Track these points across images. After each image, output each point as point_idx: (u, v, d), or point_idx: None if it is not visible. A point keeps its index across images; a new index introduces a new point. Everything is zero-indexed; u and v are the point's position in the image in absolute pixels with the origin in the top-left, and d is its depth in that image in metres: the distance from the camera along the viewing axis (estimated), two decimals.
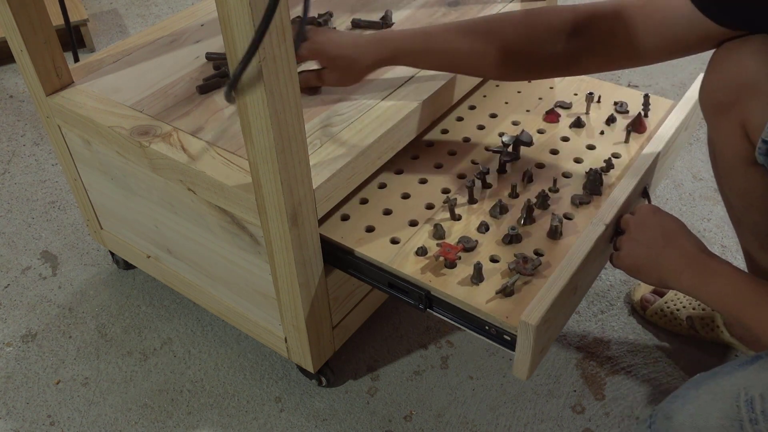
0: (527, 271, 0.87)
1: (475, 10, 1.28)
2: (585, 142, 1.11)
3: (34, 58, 1.05)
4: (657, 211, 0.89)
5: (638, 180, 0.96)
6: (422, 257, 0.92)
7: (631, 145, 1.10)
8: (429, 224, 0.97)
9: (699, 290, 0.82)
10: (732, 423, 0.69)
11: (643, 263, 0.87)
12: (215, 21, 1.29)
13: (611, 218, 0.90)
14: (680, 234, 0.86)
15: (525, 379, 0.85)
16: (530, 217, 0.96)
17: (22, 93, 1.95)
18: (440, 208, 1.00)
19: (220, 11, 0.71)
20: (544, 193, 0.98)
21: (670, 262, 0.85)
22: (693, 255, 0.84)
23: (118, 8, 2.35)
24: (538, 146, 1.10)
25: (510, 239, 0.93)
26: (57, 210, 1.55)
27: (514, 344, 0.83)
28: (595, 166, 1.03)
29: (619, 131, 1.12)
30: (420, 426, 1.11)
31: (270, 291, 1.01)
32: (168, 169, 0.99)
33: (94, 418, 1.14)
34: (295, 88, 0.78)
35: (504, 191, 1.02)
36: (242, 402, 1.15)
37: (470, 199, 1.00)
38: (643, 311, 1.22)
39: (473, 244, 0.93)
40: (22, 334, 1.29)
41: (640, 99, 1.18)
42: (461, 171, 1.07)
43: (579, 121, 1.14)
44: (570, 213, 0.98)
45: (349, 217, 0.99)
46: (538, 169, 1.06)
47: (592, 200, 0.99)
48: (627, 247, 0.89)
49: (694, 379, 0.77)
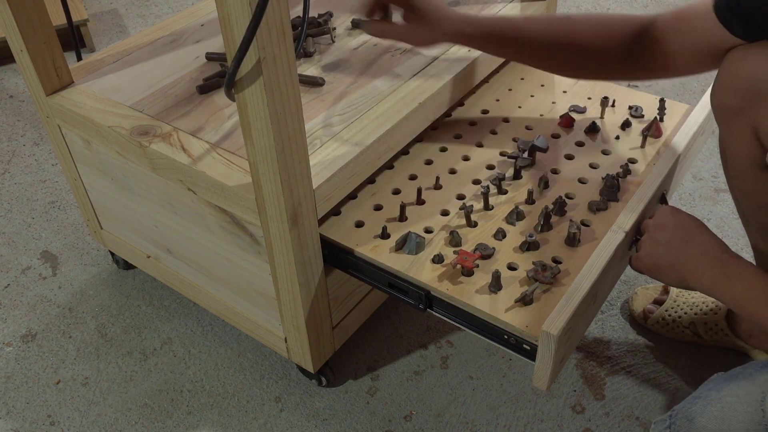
0: (546, 279, 0.86)
1: (474, 10, 1.28)
2: (600, 147, 1.10)
3: (34, 58, 1.05)
4: (677, 212, 0.88)
5: (657, 186, 0.95)
6: (439, 265, 0.90)
7: (648, 150, 1.08)
8: (445, 231, 0.96)
9: (719, 290, 0.81)
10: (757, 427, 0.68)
11: (664, 263, 0.86)
12: (215, 21, 1.29)
13: (630, 225, 0.89)
14: (701, 233, 0.85)
15: (545, 389, 0.83)
16: (548, 224, 0.95)
17: (22, 93, 1.95)
18: (456, 214, 0.99)
19: (220, 11, 0.71)
20: (561, 200, 0.97)
21: (690, 261, 0.83)
22: (714, 254, 0.83)
23: (118, 8, 2.35)
24: (553, 151, 1.09)
25: (528, 246, 0.92)
26: (57, 210, 1.55)
27: (533, 354, 0.81)
28: (612, 172, 1.02)
29: (635, 136, 1.11)
30: (420, 426, 1.11)
31: (270, 291, 1.01)
32: (168, 169, 0.99)
33: (94, 418, 1.14)
34: (295, 88, 0.78)
35: (520, 197, 1.01)
36: (242, 402, 1.15)
37: (486, 206, 0.99)
38: (645, 321, 1.21)
39: (490, 252, 0.91)
40: (22, 334, 1.29)
41: (655, 103, 1.16)
42: (476, 176, 1.05)
43: (594, 126, 1.12)
44: (587, 219, 0.96)
45: (364, 224, 0.98)
46: (553, 174, 1.05)
47: (609, 206, 0.98)
48: (647, 248, 0.88)
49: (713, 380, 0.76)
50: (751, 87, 0.82)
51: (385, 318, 1.27)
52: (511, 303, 0.85)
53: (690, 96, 1.79)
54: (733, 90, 0.84)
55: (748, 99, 0.83)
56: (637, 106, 1.16)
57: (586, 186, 1.02)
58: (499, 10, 1.27)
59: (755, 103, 0.82)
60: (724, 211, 1.44)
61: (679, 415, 0.75)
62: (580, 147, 1.10)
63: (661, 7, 2.14)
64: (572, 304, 0.79)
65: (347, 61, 1.15)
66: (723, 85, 0.86)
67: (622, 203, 0.98)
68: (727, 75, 0.85)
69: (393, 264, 0.91)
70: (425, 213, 0.99)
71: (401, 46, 1.18)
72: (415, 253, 0.92)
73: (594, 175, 1.04)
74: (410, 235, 0.92)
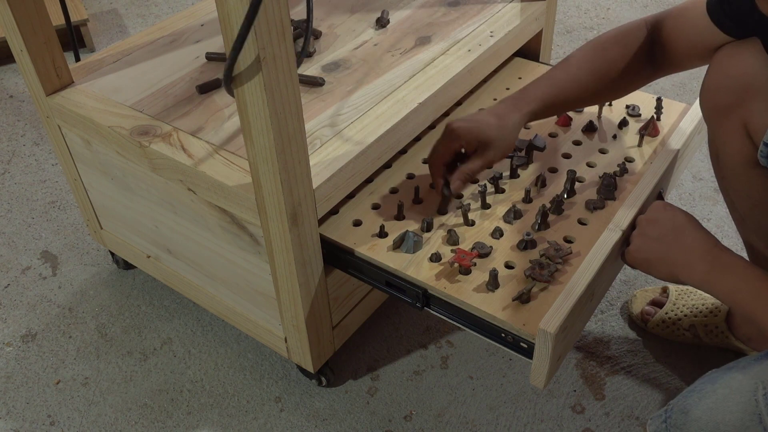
0: (543, 277, 0.86)
1: (475, 9, 1.28)
2: (597, 146, 1.10)
3: (34, 58, 1.05)
4: (668, 207, 0.89)
5: (654, 185, 0.95)
6: (436, 263, 0.91)
7: (645, 149, 1.08)
8: (442, 229, 0.96)
9: (711, 284, 0.81)
10: (750, 417, 0.68)
11: (654, 257, 0.86)
12: (215, 21, 1.29)
13: (627, 224, 0.89)
14: (692, 228, 0.85)
15: (542, 387, 0.83)
16: (545, 223, 0.95)
17: (22, 93, 1.95)
18: (453, 213, 0.99)
19: (220, 11, 0.71)
20: (558, 198, 0.97)
21: (681, 255, 0.84)
22: (705, 249, 0.83)
23: (118, 8, 2.35)
24: (550, 150, 1.09)
25: (525, 245, 0.92)
26: (57, 210, 1.55)
27: (531, 352, 0.81)
28: (609, 171, 1.02)
29: (632, 135, 1.11)
30: (420, 426, 1.11)
31: (270, 291, 1.01)
32: (168, 169, 0.99)
33: (94, 418, 1.14)
34: (295, 88, 0.78)
35: (517, 196, 1.01)
36: (242, 402, 1.15)
37: (483, 204, 0.99)
38: (644, 324, 1.22)
39: (488, 250, 0.92)
40: (22, 334, 1.29)
41: (652, 102, 1.17)
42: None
43: (591, 125, 1.13)
44: (585, 218, 0.97)
45: (362, 223, 0.98)
46: (550, 173, 1.05)
47: (606, 205, 0.98)
48: (638, 242, 0.88)
49: (708, 375, 0.76)
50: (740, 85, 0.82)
51: (385, 318, 1.27)
52: (509, 301, 0.85)
53: (690, 96, 1.79)
54: (724, 89, 0.84)
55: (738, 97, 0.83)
56: (635, 105, 1.16)
57: (583, 185, 1.03)
58: (499, 10, 1.28)
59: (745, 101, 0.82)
60: (724, 210, 1.44)
61: (674, 408, 0.76)
62: (577, 146, 1.11)
63: (661, 6, 2.14)
64: (569, 302, 0.79)
65: (347, 61, 1.15)
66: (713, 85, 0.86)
67: (619, 202, 0.99)
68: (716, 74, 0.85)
69: (391, 263, 0.92)
70: (423, 212, 0.99)
71: (402, 46, 1.18)
72: (412, 251, 0.92)
73: (591, 173, 1.05)
74: (408, 234, 0.92)
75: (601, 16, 2.14)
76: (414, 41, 1.20)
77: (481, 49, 1.17)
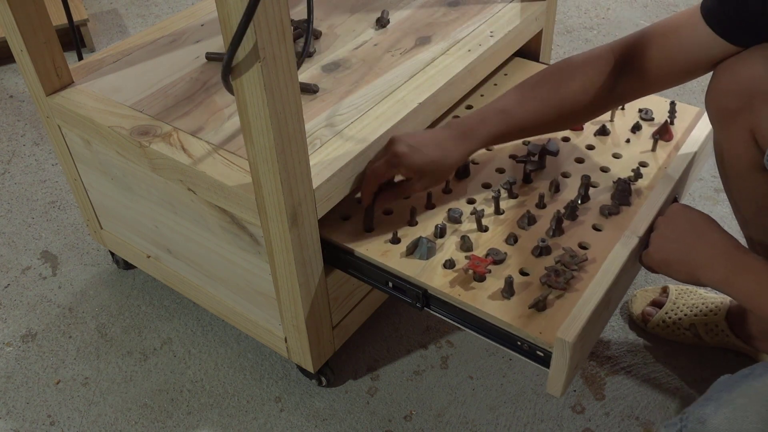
0: (559, 285, 0.85)
1: (475, 10, 1.28)
2: (611, 150, 1.09)
3: (34, 58, 1.05)
4: (687, 209, 0.88)
5: (670, 190, 0.94)
6: (450, 270, 0.90)
7: (659, 153, 1.07)
8: (455, 235, 0.95)
9: (730, 285, 0.81)
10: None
11: (674, 258, 0.86)
12: (215, 21, 1.29)
13: (644, 231, 0.89)
14: (711, 228, 0.85)
15: (559, 396, 0.82)
16: (559, 229, 0.94)
17: (22, 93, 1.95)
18: (467, 218, 0.98)
19: (220, 11, 0.71)
20: (572, 204, 0.96)
21: (700, 256, 0.83)
22: (725, 249, 0.82)
23: (118, 8, 2.35)
24: (563, 155, 1.09)
25: (540, 251, 0.91)
26: (57, 210, 1.55)
27: (547, 360, 0.81)
28: (623, 176, 1.01)
29: (645, 139, 1.10)
30: (420, 426, 1.11)
31: (270, 291, 1.01)
32: (168, 169, 0.99)
33: (94, 418, 1.14)
34: (295, 88, 0.78)
35: (531, 201, 1.00)
36: (242, 402, 1.15)
37: (497, 210, 0.98)
38: (645, 324, 1.21)
39: (502, 257, 0.91)
40: (22, 334, 1.29)
41: (665, 106, 1.16)
42: (485, 180, 1.05)
43: (604, 129, 1.12)
44: (599, 224, 0.96)
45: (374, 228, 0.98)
46: (564, 178, 1.04)
47: (621, 211, 0.97)
48: (657, 243, 0.88)
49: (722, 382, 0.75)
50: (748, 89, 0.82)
51: (385, 318, 1.27)
52: (525, 309, 0.84)
53: (690, 95, 1.79)
54: (731, 92, 0.84)
55: (745, 101, 0.83)
56: (648, 109, 1.15)
57: (597, 190, 1.01)
58: (499, 10, 1.28)
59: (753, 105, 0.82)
60: (724, 211, 1.44)
61: (690, 417, 0.75)
62: (590, 150, 1.10)
63: (661, 6, 2.14)
64: (587, 310, 0.78)
65: (347, 61, 1.15)
66: (720, 88, 0.86)
67: (634, 207, 0.97)
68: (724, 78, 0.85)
69: (404, 269, 0.90)
70: (435, 217, 0.99)
71: (401, 46, 1.18)
72: (426, 258, 0.92)
73: (605, 178, 1.03)
74: (421, 240, 0.92)
75: (601, 16, 2.14)
76: (414, 41, 1.20)
77: (481, 49, 1.17)
